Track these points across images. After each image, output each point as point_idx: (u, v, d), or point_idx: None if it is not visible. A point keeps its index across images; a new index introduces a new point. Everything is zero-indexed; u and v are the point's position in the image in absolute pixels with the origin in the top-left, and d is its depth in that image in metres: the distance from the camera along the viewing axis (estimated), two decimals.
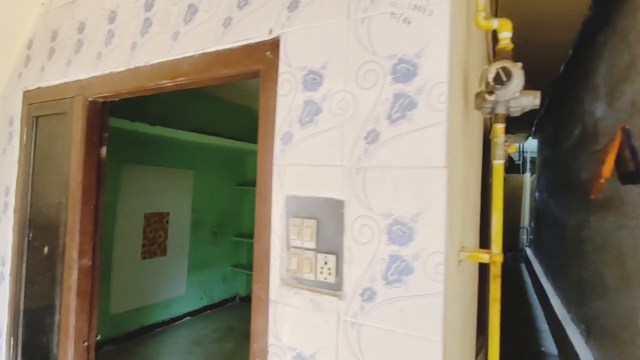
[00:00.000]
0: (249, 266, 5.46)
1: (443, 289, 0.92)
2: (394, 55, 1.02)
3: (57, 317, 1.84)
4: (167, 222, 4.51)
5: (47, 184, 2.01)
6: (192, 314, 4.88)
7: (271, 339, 1.16)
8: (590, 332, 3.38)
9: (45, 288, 1.92)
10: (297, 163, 1.15)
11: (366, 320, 1.01)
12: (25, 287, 2.04)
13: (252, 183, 5.47)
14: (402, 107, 1.00)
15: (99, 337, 1.90)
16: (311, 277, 1.10)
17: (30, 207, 2.08)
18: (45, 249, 1.95)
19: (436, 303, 0.92)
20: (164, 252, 4.48)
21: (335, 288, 1.07)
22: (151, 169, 4.31)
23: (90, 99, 1.84)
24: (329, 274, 1.08)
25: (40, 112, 2.07)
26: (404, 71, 1.01)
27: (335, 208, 1.08)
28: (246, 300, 5.53)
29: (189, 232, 4.79)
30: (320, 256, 1.09)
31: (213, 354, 3.94)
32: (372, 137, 1.04)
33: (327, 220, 1.09)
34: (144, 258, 4.28)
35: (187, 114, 4.54)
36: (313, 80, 1.14)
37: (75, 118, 1.86)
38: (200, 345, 4.13)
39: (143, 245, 4.26)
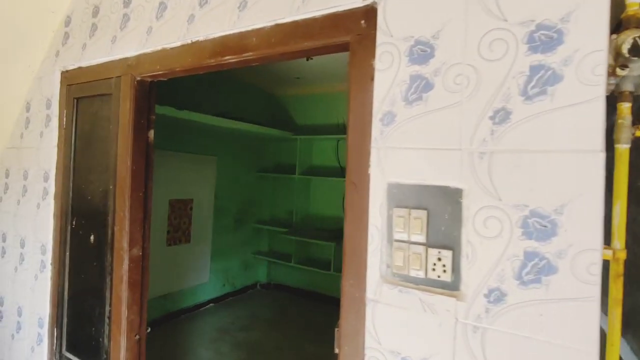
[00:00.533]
0: (269, 253, 5.37)
1: (598, 292, 0.79)
2: (531, 21, 0.87)
3: (107, 309, 1.73)
4: (191, 209, 4.40)
5: (90, 170, 1.88)
6: (215, 300, 4.80)
7: (369, 342, 1.04)
8: None
9: (93, 278, 1.81)
10: (402, 146, 1.01)
11: (493, 325, 0.88)
12: (70, 276, 1.93)
13: (273, 170, 5.34)
14: (542, 81, 0.85)
15: (149, 330, 1.80)
16: (420, 274, 0.98)
17: (73, 194, 1.95)
18: (92, 238, 1.83)
19: (589, 308, 0.79)
20: (188, 239, 4.38)
21: (452, 287, 0.94)
22: (176, 154, 4.17)
23: (138, 78, 1.69)
24: (444, 271, 0.95)
25: (81, 93, 1.93)
26: (545, 39, 0.86)
27: (451, 197, 0.94)
28: (266, 287, 5.46)
29: (212, 219, 4.68)
30: (432, 251, 0.96)
31: (242, 343, 3.87)
32: (501, 116, 0.89)
33: (440, 211, 0.96)
34: (169, 245, 4.18)
35: (212, 98, 4.38)
36: (421, 52, 0.99)
37: (122, 99, 1.71)
38: (229, 333, 4.05)
39: (168, 232, 4.16)
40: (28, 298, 2.13)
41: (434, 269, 0.96)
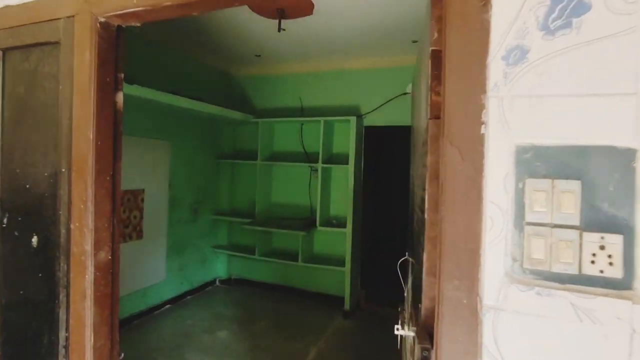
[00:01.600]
0: (229, 246, 4.90)
1: None
2: None
3: (62, 334, 1.25)
4: (142, 200, 3.81)
5: (29, 148, 1.35)
6: (172, 301, 4.25)
7: None
8: None
9: (37, 294, 1.31)
10: (540, 93, 0.71)
11: None
12: (1, 293, 1.40)
13: (232, 156, 4.85)
14: None
15: (122, 357, 1.35)
16: (571, 269, 0.69)
17: (2, 182, 1.41)
18: (34, 240, 1.32)
19: None
20: (140, 235, 3.79)
21: (623, 286, 0.67)
22: (123, 138, 3.54)
23: (101, 19, 1.21)
24: (610, 264, 0.67)
25: (10, 42, 1.38)
26: None
27: (619, 161, 0.67)
28: (226, 282, 4.99)
29: (166, 211, 4.11)
30: (591, 237, 0.68)
31: (209, 347, 3.42)
32: None
33: (602, 181, 0.68)
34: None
35: (161, 76, 3.79)
36: None
37: (78, 49, 1.22)
38: (191, 337, 3.57)
39: None
40: None
41: (593, 262, 0.68)
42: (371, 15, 3.07)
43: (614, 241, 0.67)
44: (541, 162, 0.71)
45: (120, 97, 1.31)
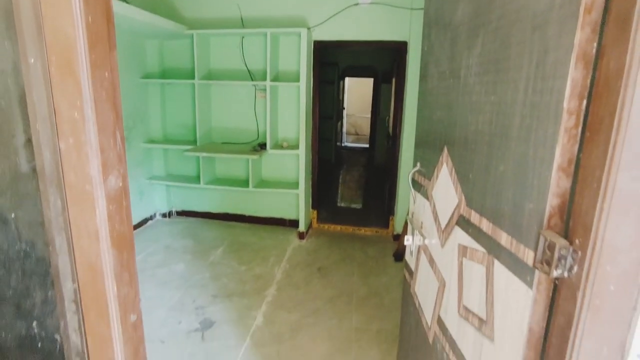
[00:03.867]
0: (168, 177, 4.42)
1: None
2: None
3: (69, 287, 0.94)
4: None
5: None
6: None
7: None
8: None
9: (14, 245, 0.94)
10: None
11: None
12: None
13: (160, 75, 4.16)
14: None
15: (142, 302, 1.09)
16: None
17: None
18: None
19: None
20: None
21: None
22: None
23: None
24: None
25: None
26: None
27: None
28: (168, 215, 4.58)
29: None
30: None
31: (167, 280, 3.16)
32: None
33: None
34: None
35: None
36: None
37: None
38: (145, 272, 3.26)
39: None
40: None
41: None
42: None
43: None
44: None
45: None
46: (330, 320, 2.68)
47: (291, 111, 4.13)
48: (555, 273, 0.70)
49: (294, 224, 4.28)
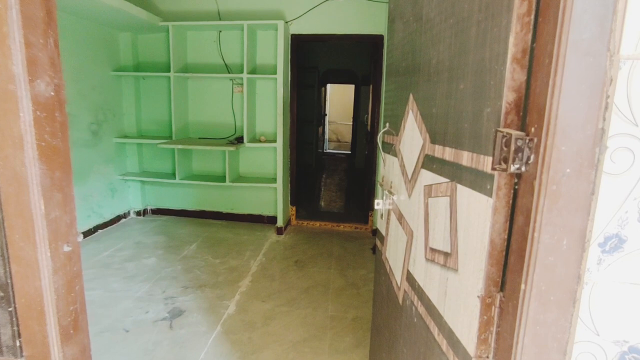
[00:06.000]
0: (141, 173, 4.29)
1: None
2: None
3: None
4: None
5: None
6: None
7: (581, 335, 0.65)
8: None
9: None
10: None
11: None
12: None
13: (132, 69, 4.08)
14: None
15: (81, 237, 1.00)
16: None
17: None
18: None
19: None
20: None
21: None
22: None
23: None
24: None
25: None
26: None
27: None
28: (142, 213, 4.43)
29: None
30: None
31: (135, 273, 3.01)
32: None
33: None
34: None
35: None
36: None
37: None
38: (112, 267, 3.11)
39: None
40: None
41: None
42: None
43: None
44: None
45: None
46: (306, 309, 2.59)
47: (269, 105, 4.09)
48: (513, 168, 0.66)
49: (273, 220, 4.19)
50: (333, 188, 6.36)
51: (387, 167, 1.54)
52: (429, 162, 1.06)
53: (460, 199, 0.86)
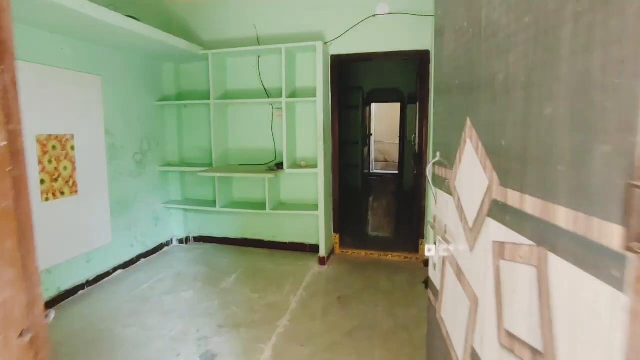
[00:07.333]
0: (184, 201, 4.27)
1: None
2: None
3: None
4: (72, 148, 3.04)
5: None
6: (123, 266, 3.61)
7: None
8: None
9: None
10: None
11: None
12: None
13: (174, 98, 4.11)
14: None
15: (52, 317, 0.81)
16: None
17: None
18: None
19: None
20: (73, 190, 3.06)
21: None
22: (36, 67, 2.72)
23: None
24: None
25: None
26: None
27: None
28: (185, 242, 4.39)
29: (105, 162, 3.37)
30: None
31: (172, 309, 2.89)
32: None
33: None
34: (46, 199, 2.83)
35: None
36: None
37: None
38: (151, 301, 3.01)
39: (42, 182, 2.79)
40: None
41: None
42: None
43: None
44: None
45: None
46: (349, 357, 2.30)
47: (309, 129, 3.92)
48: None
49: (315, 249, 3.96)
50: (380, 212, 6.03)
51: (440, 206, 1.25)
52: (499, 211, 0.78)
53: (556, 276, 0.58)
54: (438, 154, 1.27)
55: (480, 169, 0.87)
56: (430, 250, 1.26)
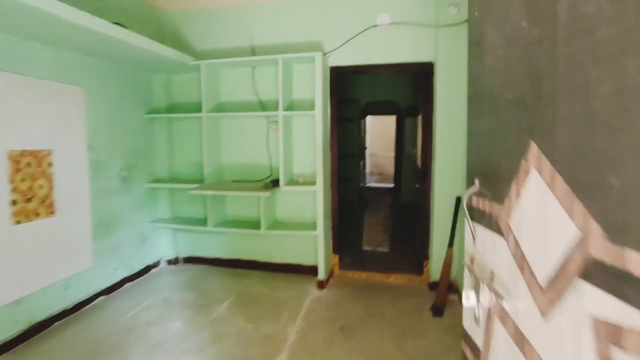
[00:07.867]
0: (173, 219, 3.99)
1: None
2: None
3: None
4: (49, 164, 2.77)
5: None
6: (106, 291, 3.31)
7: None
8: None
9: None
10: None
11: None
12: None
13: (166, 110, 3.88)
14: None
15: None
16: None
17: None
18: None
19: None
20: (50, 211, 2.78)
21: None
22: (9, 77, 2.47)
23: None
24: None
25: None
26: None
27: None
28: (174, 263, 4.11)
29: (87, 180, 3.10)
30: None
31: (159, 342, 2.61)
32: None
33: None
34: (18, 222, 2.55)
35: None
36: None
37: None
38: (135, 334, 2.72)
39: (13, 203, 2.52)
40: None
41: None
42: None
43: None
44: None
45: None
46: None
47: (306, 144, 3.70)
48: None
49: (313, 271, 3.70)
50: (379, 228, 5.80)
51: (481, 245, 1.03)
52: (605, 276, 0.56)
53: None
54: (477, 181, 1.05)
55: (563, 214, 0.65)
56: (469, 298, 1.03)
